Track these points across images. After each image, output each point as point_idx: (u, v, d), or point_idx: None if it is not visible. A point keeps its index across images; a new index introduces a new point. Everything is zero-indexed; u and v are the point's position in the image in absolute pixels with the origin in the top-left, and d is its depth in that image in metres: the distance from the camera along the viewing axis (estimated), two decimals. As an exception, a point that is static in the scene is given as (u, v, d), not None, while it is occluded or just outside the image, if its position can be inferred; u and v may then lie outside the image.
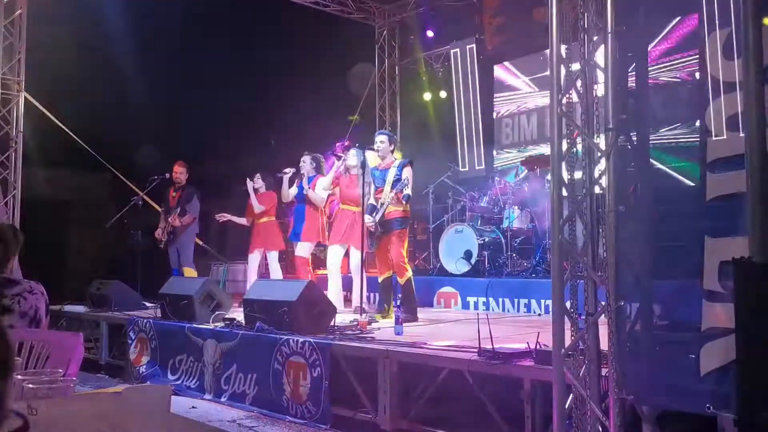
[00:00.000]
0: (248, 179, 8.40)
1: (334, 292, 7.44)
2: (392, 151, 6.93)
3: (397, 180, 6.61)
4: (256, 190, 8.44)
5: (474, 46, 11.49)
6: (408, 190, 6.55)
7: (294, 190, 7.96)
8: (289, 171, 7.99)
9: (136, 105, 9.70)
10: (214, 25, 10.22)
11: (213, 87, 10.39)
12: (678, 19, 8.75)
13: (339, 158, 7.48)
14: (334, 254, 7.50)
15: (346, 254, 7.66)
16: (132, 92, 9.62)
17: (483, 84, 11.54)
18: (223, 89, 10.54)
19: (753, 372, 2.49)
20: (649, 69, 3.65)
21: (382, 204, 6.59)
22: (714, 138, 2.98)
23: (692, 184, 8.55)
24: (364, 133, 11.27)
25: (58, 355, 2.79)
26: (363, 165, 6.86)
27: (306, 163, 7.89)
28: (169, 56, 9.90)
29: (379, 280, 6.90)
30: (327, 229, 7.94)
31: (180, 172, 8.66)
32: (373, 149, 6.87)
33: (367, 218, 6.63)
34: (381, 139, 6.87)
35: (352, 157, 7.28)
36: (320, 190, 7.67)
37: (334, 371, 4.91)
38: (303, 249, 7.83)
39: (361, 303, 6.66)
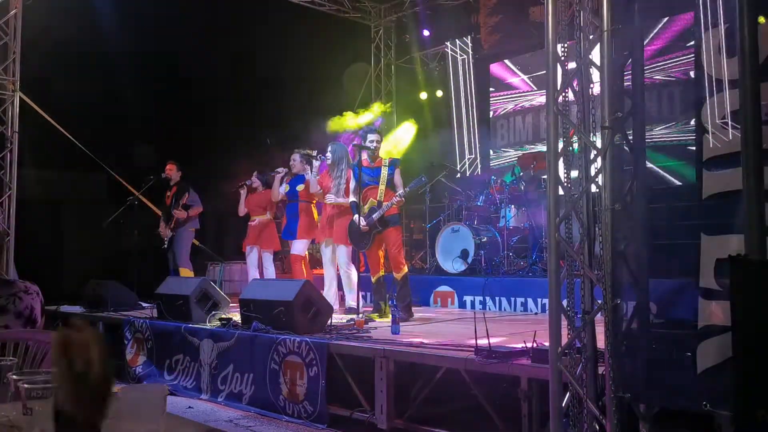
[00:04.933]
0: (256, 174, 8.46)
1: (330, 291, 7.44)
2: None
3: (390, 179, 6.66)
4: (254, 189, 8.46)
5: (470, 45, 11.50)
6: (401, 190, 6.65)
7: (285, 188, 7.94)
8: (282, 170, 7.98)
9: (133, 105, 9.67)
10: (210, 25, 10.19)
11: (209, 86, 10.36)
12: (667, 19, 8.78)
13: (315, 158, 7.42)
14: (326, 251, 7.49)
15: None
16: (128, 92, 9.58)
17: (479, 83, 11.56)
18: (219, 89, 10.52)
19: (749, 369, 2.49)
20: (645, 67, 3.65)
21: (380, 204, 6.61)
22: (710, 136, 2.98)
23: (680, 183, 8.61)
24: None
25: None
26: (359, 163, 6.84)
27: (296, 161, 7.86)
28: (166, 56, 9.87)
29: (373, 280, 6.90)
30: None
31: (171, 170, 8.68)
32: (369, 148, 6.86)
33: (362, 221, 6.62)
34: (376, 138, 6.88)
35: (330, 154, 7.26)
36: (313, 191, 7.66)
37: (331, 371, 4.91)
38: (298, 247, 7.82)
39: (358, 303, 6.66)
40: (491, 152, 11.50)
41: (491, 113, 11.52)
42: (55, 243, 9.88)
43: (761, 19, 2.72)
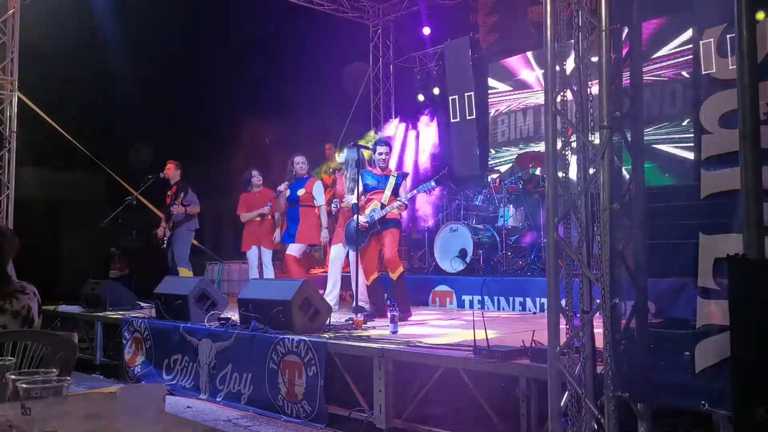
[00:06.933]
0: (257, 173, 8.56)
1: (332, 291, 7.45)
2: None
3: (396, 188, 6.76)
4: (256, 186, 8.48)
5: (468, 44, 11.49)
6: (407, 201, 6.78)
7: (286, 192, 7.95)
8: (283, 186, 7.95)
9: (131, 104, 9.66)
10: (208, 24, 10.19)
11: (208, 85, 10.35)
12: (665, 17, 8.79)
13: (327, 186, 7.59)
14: (336, 253, 7.54)
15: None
16: (126, 91, 9.57)
17: (477, 82, 11.55)
18: (218, 88, 10.51)
19: (747, 369, 2.50)
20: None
21: (383, 206, 6.70)
22: (708, 135, 2.98)
23: (676, 183, 8.61)
24: (360, 131, 11.30)
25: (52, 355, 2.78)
26: (357, 163, 6.86)
27: (297, 164, 7.85)
28: (164, 55, 9.86)
29: (368, 282, 6.92)
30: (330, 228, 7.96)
31: (170, 170, 8.67)
32: (368, 148, 6.92)
33: (362, 219, 6.65)
34: (385, 150, 6.92)
35: (341, 156, 7.37)
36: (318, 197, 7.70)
37: (329, 370, 4.91)
38: (294, 248, 7.82)
39: (356, 301, 6.67)
40: (490, 151, 11.50)
41: (490, 112, 11.53)
42: (53, 242, 9.87)
43: (760, 16, 2.72)
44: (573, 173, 3.43)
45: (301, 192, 7.69)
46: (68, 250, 9.87)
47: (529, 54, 10.88)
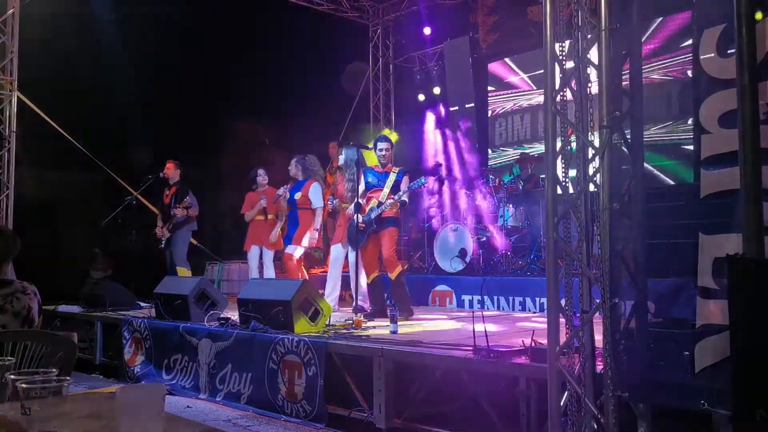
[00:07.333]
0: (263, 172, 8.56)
1: (332, 291, 7.45)
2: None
3: (396, 185, 6.70)
4: (261, 185, 8.49)
5: (468, 44, 11.49)
6: (406, 198, 6.74)
7: (286, 195, 7.96)
8: (283, 190, 7.96)
9: (131, 104, 9.66)
10: (208, 24, 10.19)
11: (207, 86, 10.35)
12: (664, 18, 8.78)
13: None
14: (337, 253, 7.53)
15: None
16: (126, 91, 9.57)
17: (477, 82, 11.56)
18: (217, 88, 10.51)
19: (747, 368, 2.50)
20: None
21: (380, 204, 6.67)
22: (708, 135, 2.98)
23: (674, 182, 8.62)
24: (360, 131, 11.31)
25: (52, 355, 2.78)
26: (357, 163, 6.86)
27: (293, 167, 7.85)
28: (164, 55, 9.86)
29: (368, 281, 6.93)
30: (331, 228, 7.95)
31: (171, 170, 8.66)
32: (368, 148, 6.94)
33: (360, 218, 6.65)
34: (386, 147, 6.91)
35: (341, 157, 7.35)
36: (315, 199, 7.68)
37: (329, 370, 4.91)
38: (293, 248, 7.82)
39: (356, 301, 6.67)
40: (490, 151, 11.51)
41: (490, 112, 11.53)
42: (53, 242, 9.87)
43: (759, 16, 2.72)
44: (572, 173, 3.43)
45: (297, 195, 7.68)
46: (68, 250, 9.86)
47: (508, 60, 11.01)
